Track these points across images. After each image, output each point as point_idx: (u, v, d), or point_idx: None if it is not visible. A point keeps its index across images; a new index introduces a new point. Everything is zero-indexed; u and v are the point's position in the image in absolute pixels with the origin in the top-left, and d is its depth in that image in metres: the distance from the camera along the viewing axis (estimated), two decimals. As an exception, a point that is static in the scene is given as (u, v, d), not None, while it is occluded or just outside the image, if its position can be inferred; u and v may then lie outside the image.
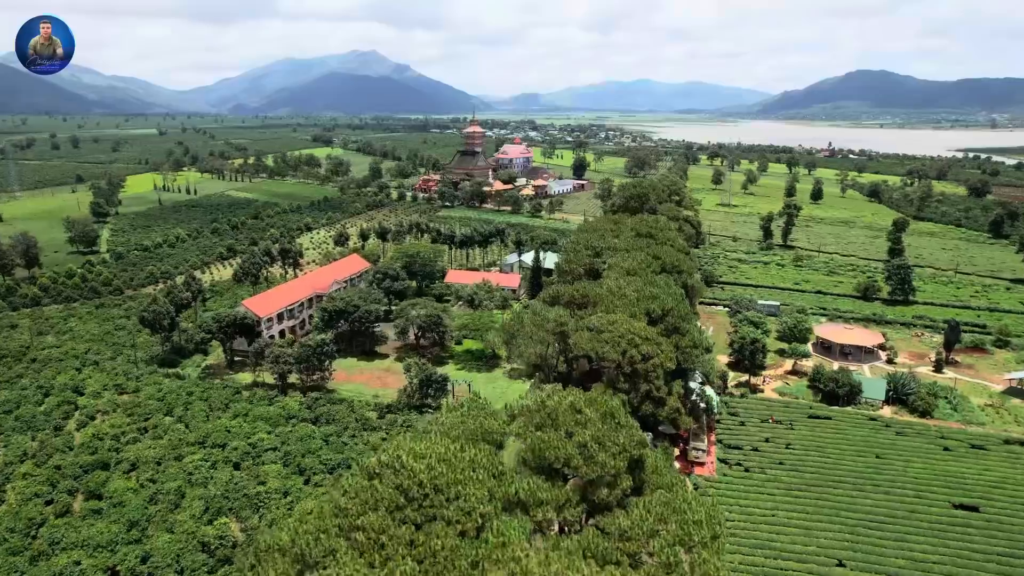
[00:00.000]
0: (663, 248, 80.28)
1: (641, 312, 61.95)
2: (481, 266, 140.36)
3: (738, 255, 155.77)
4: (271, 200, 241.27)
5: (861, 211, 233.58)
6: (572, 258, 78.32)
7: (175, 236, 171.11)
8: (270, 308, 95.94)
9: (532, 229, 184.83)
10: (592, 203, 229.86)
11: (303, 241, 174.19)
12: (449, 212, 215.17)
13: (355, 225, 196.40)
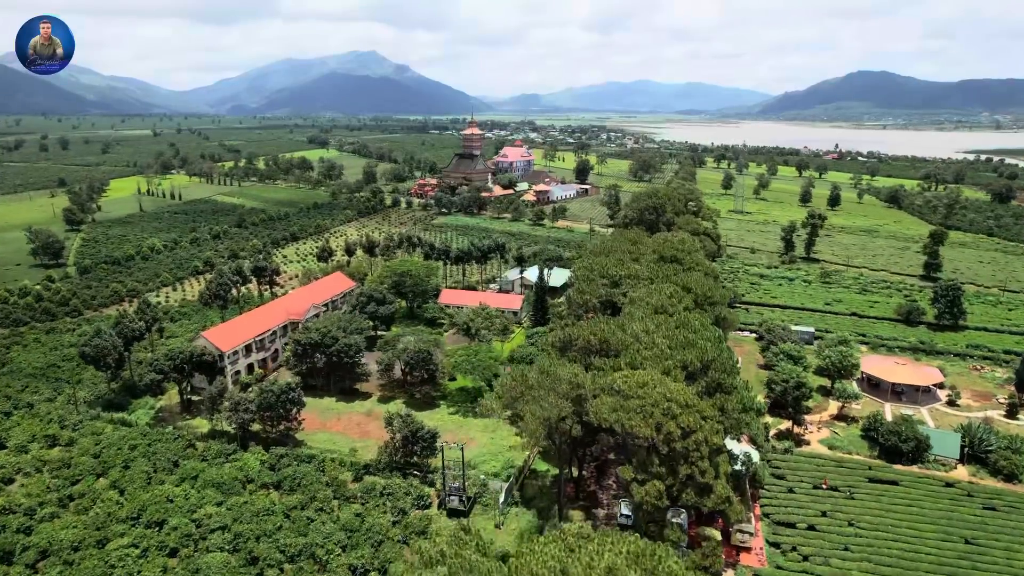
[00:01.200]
0: (692, 276, 67.76)
1: (676, 365, 49.40)
2: (479, 282, 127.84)
3: (759, 270, 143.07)
4: (259, 206, 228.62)
5: (882, 219, 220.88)
6: (585, 288, 65.81)
7: (149, 247, 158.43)
8: (235, 340, 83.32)
9: (534, 239, 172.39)
10: (598, 210, 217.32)
11: (288, 252, 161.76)
12: (445, 219, 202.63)
13: (344, 234, 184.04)
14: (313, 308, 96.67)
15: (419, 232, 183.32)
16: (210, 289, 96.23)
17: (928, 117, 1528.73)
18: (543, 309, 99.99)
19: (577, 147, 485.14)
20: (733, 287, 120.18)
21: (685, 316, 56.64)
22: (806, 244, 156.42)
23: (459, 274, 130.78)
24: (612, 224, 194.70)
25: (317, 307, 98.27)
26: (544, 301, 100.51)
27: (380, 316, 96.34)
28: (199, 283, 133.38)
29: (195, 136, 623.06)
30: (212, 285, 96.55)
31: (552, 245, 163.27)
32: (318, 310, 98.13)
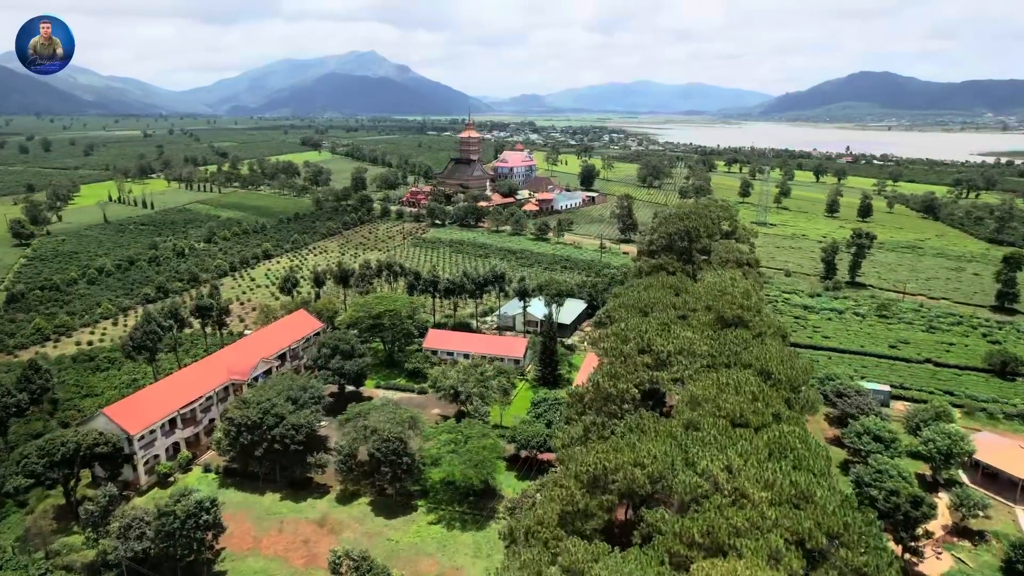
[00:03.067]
0: (768, 349, 47.79)
1: (785, 543, 29.51)
2: (474, 315, 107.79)
3: (801, 299, 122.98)
4: (236, 216, 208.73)
5: (921, 231, 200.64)
6: (621, 371, 45.75)
7: (98, 268, 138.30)
8: (149, 416, 63.29)
9: (537, 257, 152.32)
10: (608, 223, 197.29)
11: (258, 273, 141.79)
12: (439, 232, 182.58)
13: (325, 250, 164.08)
14: (263, 363, 76.64)
15: (409, 246, 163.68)
16: (133, 339, 76.11)
17: (932, 118, 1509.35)
18: (552, 363, 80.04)
19: (580, 150, 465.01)
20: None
21: (779, 434, 36.86)
22: (851, 266, 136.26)
23: (450, 306, 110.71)
24: (623, 239, 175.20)
25: (269, 361, 78.26)
26: (554, 353, 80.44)
27: (348, 374, 76.36)
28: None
29: (186, 137, 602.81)
30: (137, 334, 76.42)
31: (559, 267, 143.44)
32: (270, 364, 78.16)
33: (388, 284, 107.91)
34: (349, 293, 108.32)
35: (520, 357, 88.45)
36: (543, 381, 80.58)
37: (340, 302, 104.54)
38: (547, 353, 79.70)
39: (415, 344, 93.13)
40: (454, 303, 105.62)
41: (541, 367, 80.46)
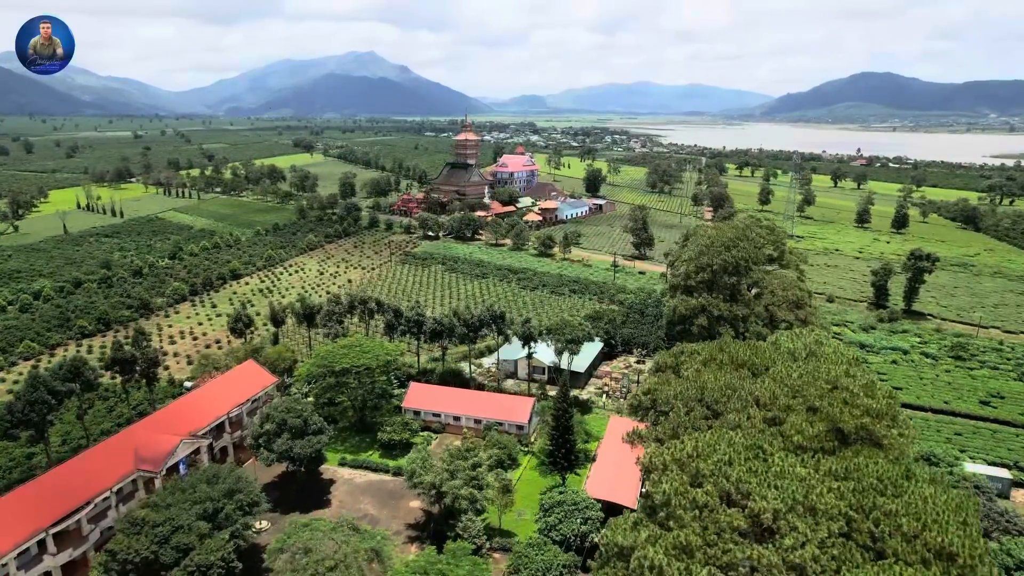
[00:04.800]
0: (930, 500, 29.11)
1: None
2: (468, 357, 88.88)
3: (853, 334, 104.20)
4: (212, 226, 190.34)
5: (967, 246, 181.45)
6: (691, 539, 26.49)
7: (33, 293, 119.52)
8: (5, 541, 44.44)
9: (542, 277, 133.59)
10: (618, 235, 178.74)
11: (221, 299, 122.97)
12: (431, 246, 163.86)
13: (302, 268, 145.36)
14: (185, 444, 57.76)
15: (396, 264, 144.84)
16: (13, 413, 57.05)
17: (936, 119, 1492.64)
18: (567, 442, 61.07)
19: (583, 152, 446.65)
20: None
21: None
22: (906, 292, 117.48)
23: (438, 348, 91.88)
24: (638, 256, 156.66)
25: (196, 439, 59.46)
26: (569, 428, 61.48)
27: (298, 458, 57.60)
28: (84, 349, 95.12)
29: (177, 138, 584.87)
30: (17, 405, 57.40)
31: (567, 289, 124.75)
32: (196, 443, 59.39)
33: (363, 322, 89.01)
34: (315, 334, 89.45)
35: (524, 422, 69.86)
36: (555, 463, 61.78)
37: (304, 345, 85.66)
38: (561, 428, 60.74)
39: (394, 401, 74.57)
40: (443, 346, 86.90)
41: (553, 445, 61.58)
